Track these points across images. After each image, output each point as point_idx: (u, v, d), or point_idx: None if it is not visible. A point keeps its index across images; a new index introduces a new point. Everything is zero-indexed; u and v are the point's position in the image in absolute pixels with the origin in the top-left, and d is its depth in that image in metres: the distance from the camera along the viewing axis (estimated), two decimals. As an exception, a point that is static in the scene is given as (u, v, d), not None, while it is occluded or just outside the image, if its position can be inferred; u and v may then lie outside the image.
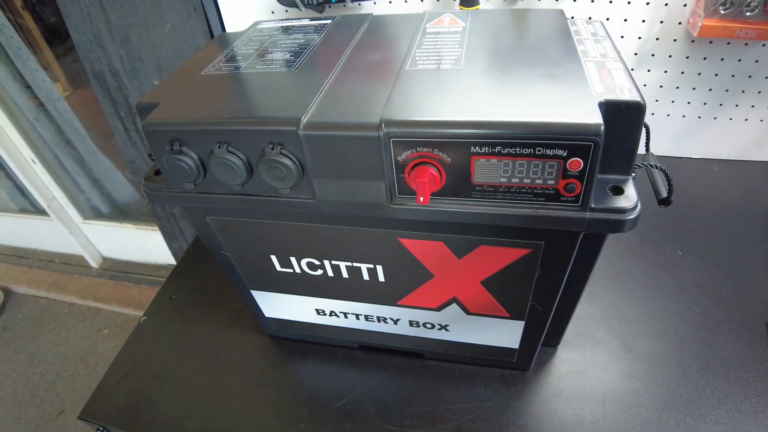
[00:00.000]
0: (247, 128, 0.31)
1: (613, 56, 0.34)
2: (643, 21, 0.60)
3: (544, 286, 0.37)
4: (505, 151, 0.28)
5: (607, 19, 0.60)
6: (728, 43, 0.60)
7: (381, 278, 0.40)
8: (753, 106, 0.64)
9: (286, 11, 0.66)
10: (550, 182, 0.29)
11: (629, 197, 0.30)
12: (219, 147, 0.32)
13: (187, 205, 0.38)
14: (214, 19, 0.70)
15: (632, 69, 0.63)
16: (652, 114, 0.67)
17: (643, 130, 0.34)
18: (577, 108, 0.28)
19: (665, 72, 0.63)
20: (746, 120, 0.66)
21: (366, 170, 0.31)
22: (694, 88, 0.64)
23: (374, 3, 0.64)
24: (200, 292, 0.61)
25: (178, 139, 0.33)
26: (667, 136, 0.69)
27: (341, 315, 0.47)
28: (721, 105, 0.65)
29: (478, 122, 0.28)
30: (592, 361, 0.48)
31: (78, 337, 1.46)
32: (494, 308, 0.40)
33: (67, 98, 1.32)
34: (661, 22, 0.60)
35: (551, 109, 0.28)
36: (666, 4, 0.58)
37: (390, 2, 0.65)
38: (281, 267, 0.43)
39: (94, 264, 1.65)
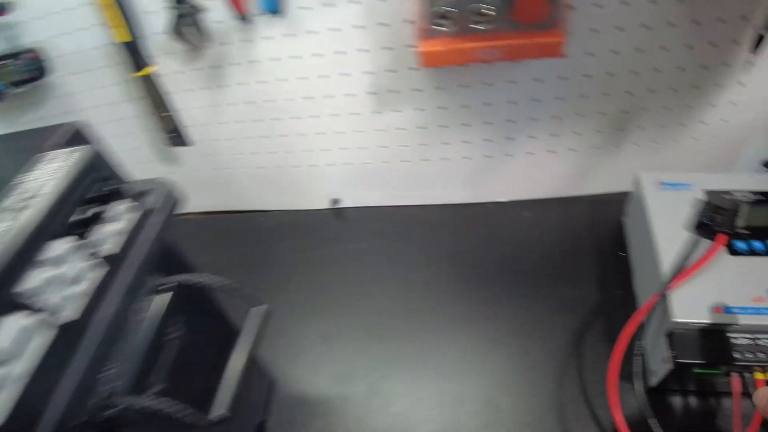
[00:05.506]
0: None
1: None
2: (368, 51, 0.42)
3: None
4: None
5: (315, 55, 0.43)
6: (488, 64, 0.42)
7: None
8: (555, 135, 0.47)
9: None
10: None
11: None
12: None
13: None
14: None
15: (379, 113, 0.46)
16: (426, 160, 0.50)
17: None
18: None
19: (421, 110, 0.46)
20: (552, 152, 0.48)
21: None
22: (465, 124, 0.47)
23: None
24: None
25: None
26: (454, 182, 0.52)
27: None
28: (511, 139, 0.47)
29: None
30: None
31: None
32: None
33: None
34: (392, 48, 0.42)
35: None
36: (385, 24, 0.40)
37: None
38: None
39: None
